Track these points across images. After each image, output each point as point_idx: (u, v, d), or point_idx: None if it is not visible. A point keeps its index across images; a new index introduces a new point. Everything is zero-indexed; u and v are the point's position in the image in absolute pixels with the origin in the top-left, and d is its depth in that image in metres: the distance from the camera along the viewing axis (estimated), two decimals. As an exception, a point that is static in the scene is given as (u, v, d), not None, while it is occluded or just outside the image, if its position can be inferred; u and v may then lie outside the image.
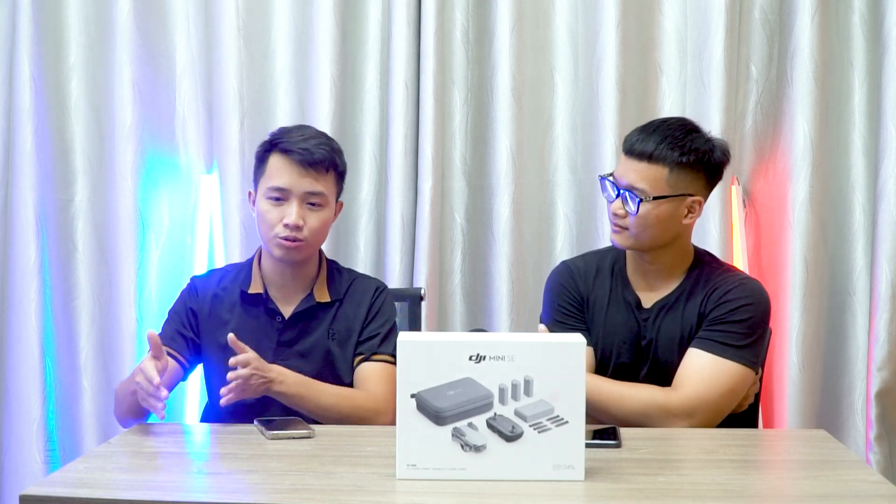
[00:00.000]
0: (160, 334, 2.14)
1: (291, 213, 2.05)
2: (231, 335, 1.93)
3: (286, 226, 2.05)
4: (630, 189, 2.03)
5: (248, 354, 1.92)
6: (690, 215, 2.07)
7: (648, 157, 2.02)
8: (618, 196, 2.07)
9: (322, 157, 2.07)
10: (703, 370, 2.00)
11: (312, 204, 2.08)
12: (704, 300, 2.07)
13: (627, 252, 2.15)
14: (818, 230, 2.76)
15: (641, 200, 2.02)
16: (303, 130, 2.12)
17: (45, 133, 2.89)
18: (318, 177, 2.07)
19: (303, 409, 1.99)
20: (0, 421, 2.94)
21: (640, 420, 1.97)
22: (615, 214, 2.07)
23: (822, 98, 2.74)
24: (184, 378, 2.13)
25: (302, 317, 2.13)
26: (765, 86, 2.80)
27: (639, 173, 2.03)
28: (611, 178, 2.09)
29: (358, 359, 2.12)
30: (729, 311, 2.03)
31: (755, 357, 2.05)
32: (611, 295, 2.16)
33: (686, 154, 2.01)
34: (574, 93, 2.87)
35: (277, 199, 2.06)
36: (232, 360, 1.91)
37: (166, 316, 2.18)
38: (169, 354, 2.07)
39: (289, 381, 1.97)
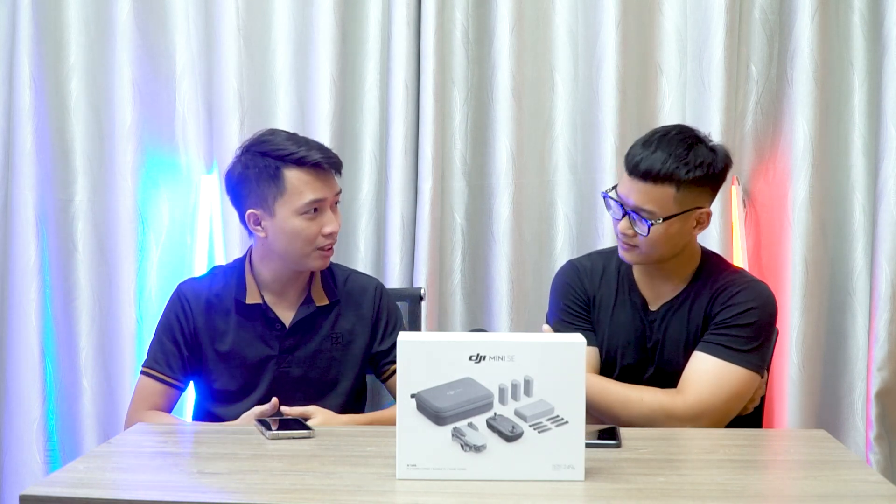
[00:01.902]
0: (150, 356, 2.11)
1: (332, 220, 2.04)
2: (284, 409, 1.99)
3: (327, 235, 2.04)
4: (637, 211, 1.97)
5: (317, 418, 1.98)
6: (699, 226, 2.03)
7: (654, 178, 1.94)
8: (624, 215, 2.00)
9: (337, 157, 2.06)
10: (708, 374, 1.98)
11: (335, 203, 2.08)
12: (710, 302, 2.05)
13: None
14: (818, 230, 2.76)
15: (652, 224, 1.96)
16: (293, 138, 2.05)
17: (45, 133, 2.89)
18: (337, 177, 2.08)
19: None
20: (0, 421, 2.94)
21: (645, 423, 1.97)
22: (624, 234, 2.02)
23: (822, 98, 2.74)
24: (179, 396, 2.13)
25: (303, 323, 2.12)
26: (765, 86, 2.80)
27: (646, 195, 1.96)
28: (613, 196, 2.03)
29: (392, 368, 2.12)
30: (735, 315, 2.01)
31: (761, 361, 2.02)
32: (617, 296, 2.14)
33: (692, 170, 1.95)
34: (574, 93, 2.87)
35: (315, 210, 2.03)
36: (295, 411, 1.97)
37: (153, 334, 2.13)
38: (164, 381, 2.07)
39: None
